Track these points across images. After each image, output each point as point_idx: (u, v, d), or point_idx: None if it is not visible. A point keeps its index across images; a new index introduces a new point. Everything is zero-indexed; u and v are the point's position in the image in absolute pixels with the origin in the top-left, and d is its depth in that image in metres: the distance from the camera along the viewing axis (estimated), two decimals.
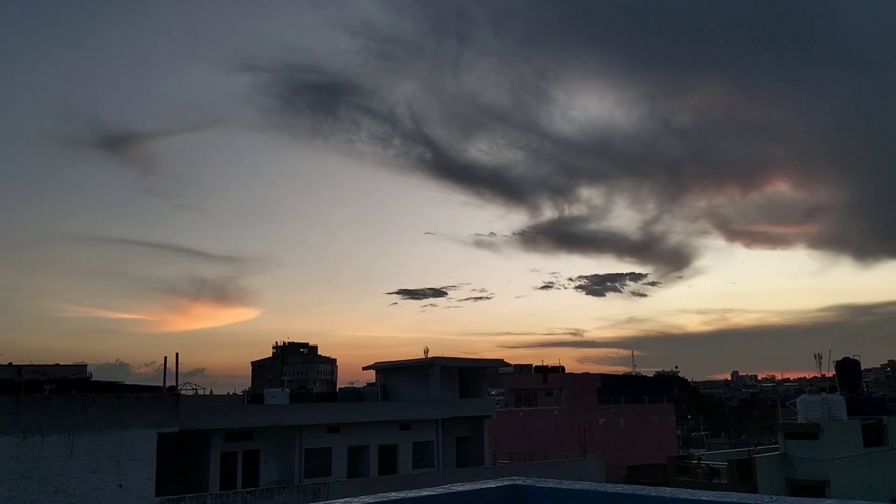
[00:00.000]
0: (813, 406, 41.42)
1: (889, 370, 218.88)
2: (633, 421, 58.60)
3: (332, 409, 34.26)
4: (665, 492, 4.25)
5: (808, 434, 38.76)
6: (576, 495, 4.70)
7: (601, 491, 4.57)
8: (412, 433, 35.39)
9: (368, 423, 33.82)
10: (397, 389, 39.44)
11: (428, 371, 37.57)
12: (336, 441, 32.93)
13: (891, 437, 41.17)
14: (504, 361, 46.54)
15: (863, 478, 37.91)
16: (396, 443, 34.78)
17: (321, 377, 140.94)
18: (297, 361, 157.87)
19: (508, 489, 5.17)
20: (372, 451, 33.85)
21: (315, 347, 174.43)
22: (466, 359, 41.17)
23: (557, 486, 5.03)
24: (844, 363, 52.81)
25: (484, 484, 5.27)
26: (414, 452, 35.31)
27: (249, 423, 31.18)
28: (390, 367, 40.44)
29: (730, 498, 3.92)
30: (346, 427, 33.19)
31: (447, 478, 29.85)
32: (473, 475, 28.73)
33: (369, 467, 33.54)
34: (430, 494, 4.91)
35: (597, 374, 69.48)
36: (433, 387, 37.12)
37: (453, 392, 38.19)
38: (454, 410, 36.90)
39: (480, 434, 38.33)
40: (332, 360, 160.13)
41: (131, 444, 25.36)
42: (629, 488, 4.52)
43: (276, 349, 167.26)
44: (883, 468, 39.38)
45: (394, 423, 34.89)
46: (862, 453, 39.03)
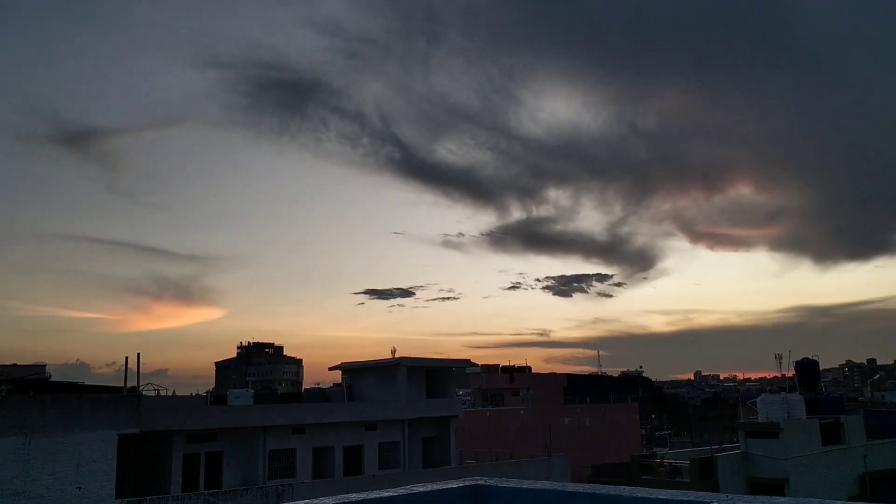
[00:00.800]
0: (773, 405, 42.19)
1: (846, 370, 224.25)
2: (598, 420, 59.09)
3: (297, 410, 33.95)
4: (623, 490, 4.29)
5: (768, 433, 39.46)
6: (536, 494, 4.72)
7: (561, 490, 4.60)
8: (378, 434, 35.25)
9: (334, 424, 33.60)
10: (364, 390, 39.25)
11: (394, 371, 37.45)
12: (301, 442, 32.65)
13: (848, 435, 42.11)
14: (471, 361, 46.61)
15: (821, 476, 38.70)
16: (362, 443, 34.61)
17: (287, 378, 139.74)
18: (262, 362, 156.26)
19: (470, 489, 5.17)
20: (337, 452, 33.64)
21: (280, 348, 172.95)
22: (433, 359, 41.12)
23: (518, 485, 5.04)
24: (803, 363, 53.92)
25: (445, 484, 5.26)
26: (380, 453, 35.17)
27: (212, 424, 30.76)
28: (356, 367, 40.23)
29: (686, 496, 3.97)
30: (312, 428, 32.93)
31: (413, 478, 29.80)
32: (439, 476, 28.72)
33: (335, 468, 33.32)
34: (391, 495, 4.88)
35: (563, 374, 69.94)
36: (400, 387, 37.01)
37: (420, 392, 38.12)
38: (421, 411, 36.84)
39: (447, 434, 38.32)
40: (297, 361, 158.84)
41: (91, 445, 24.84)
42: (588, 487, 4.55)
43: (241, 349, 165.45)
44: (840, 466, 40.25)
45: (359, 423, 34.71)
46: (820, 452, 39.86)
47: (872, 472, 40.66)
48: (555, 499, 4.58)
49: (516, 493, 4.86)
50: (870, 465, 40.84)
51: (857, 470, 40.74)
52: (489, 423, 54.22)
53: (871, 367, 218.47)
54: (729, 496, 3.65)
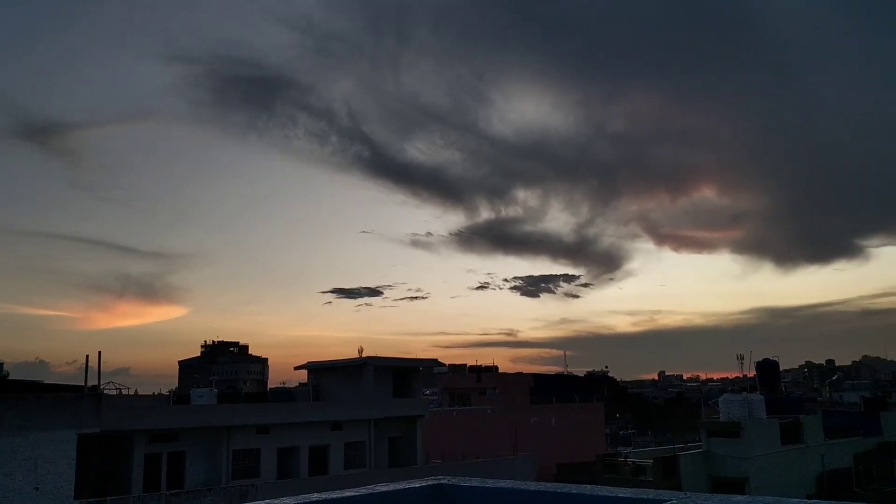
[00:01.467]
0: (734, 405, 42.87)
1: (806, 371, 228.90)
2: (563, 420, 59.46)
3: (262, 410, 33.65)
4: (585, 489, 4.33)
5: (729, 432, 40.09)
6: (498, 493, 4.74)
7: (523, 489, 4.62)
8: (344, 433, 35.10)
9: (299, 424, 33.37)
10: (330, 389, 39.04)
11: (361, 371, 37.32)
12: (265, 442, 32.38)
13: (806, 435, 42.95)
14: (438, 361, 46.78)
15: (780, 474, 39.42)
16: (328, 443, 34.43)
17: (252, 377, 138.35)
18: (227, 361, 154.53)
19: (432, 488, 5.17)
20: (302, 451, 33.43)
21: (246, 347, 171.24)
22: (400, 358, 41.06)
23: (481, 484, 5.06)
24: (764, 364, 54.94)
25: (408, 483, 5.26)
26: (346, 453, 35.02)
27: (175, 424, 30.39)
28: (323, 366, 40.00)
29: (646, 494, 4.02)
30: (276, 428, 32.68)
31: (378, 478, 29.69)
32: (405, 475, 28.65)
33: (300, 468, 33.11)
34: (354, 495, 4.87)
35: (530, 374, 70.33)
36: (366, 387, 36.88)
37: (387, 392, 38.02)
38: (387, 410, 36.75)
39: (413, 434, 38.30)
40: (263, 360, 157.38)
41: (49, 445, 24.32)
42: (550, 486, 4.58)
43: (205, 348, 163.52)
44: (799, 465, 41.05)
45: (325, 423, 34.53)
46: (779, 451, 40.60)
47: (830, 470, 41.56)
48: (516, 497, 4.61)
49: (478, 492, 4.88)
50: (827, 464, 41.73)
51: (815, 469, 41.61)
52: (456, 422, 54.27)
53: (829, 368, 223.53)
54: (687, 494, 3.71)
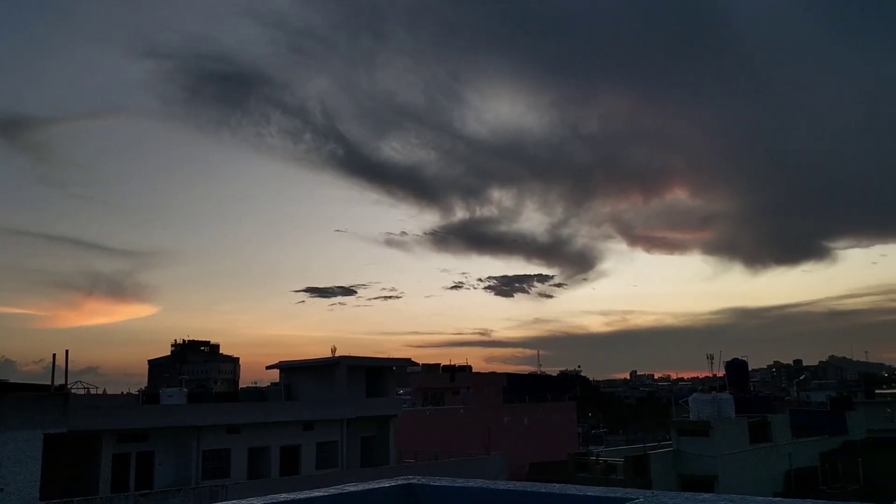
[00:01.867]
0: (704, 404, 43.31)
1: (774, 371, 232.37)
2: (536, 419, 59.70)
3: (232, 410, 33.36)
4: (553, 488, 4.33)
5: (699, 431, 40.48)
6: (468, 493, 4.74)
7: (492, 488, 4.62)
8: (316, 433, 34.91)
9: (270, 424, 33.14)
10: (302, 389, 38.79)
11: (334, 370, 37.14)
12: (236, 442, 32.11)
13: (774, 434, 43.54)
14: (412, 361, 46.76)
15: (748, 472, 39.92)
16: (299, 443, 34.23)
17: (223, 377, 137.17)
18: (198, 360, 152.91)
19: (402, 488, 5.15)
20: (273, 451, 33.20)
21: (217, 346, 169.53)
22: (374, 358, 40.92)
23: (450, 484, 5.05)
24: (734, 363, 55.66)
25: (377, 483, 5.23)
26: (318, 453, 34.84)
27: (144, 424, 30.02)
28: (295, 366, 39.74)
29: (614, 493, 4.03)
30: (247, 427, 32.42)
31: (350, 478, 29.58)
32: (376, 475, 28.58)
33: (271, 468, 32.87)
34: (322, 495, 4.83)
35: (503, 374, 70.51)
36: (339, 386, 36.70)
37: (360, 392, 37.88)
38: (360, 410, 36.62)
39: (386, 434, 38.22)
40: (234, 360, 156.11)
41: (15, 445, 23.91)
42: (519, 485, 4.58)
43: (175, 347, 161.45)
44: (767, 463, 41.60)
45: (297, 423, 34.33)
46: (748, 450, 41.09)
47: (796, 469, 42.16)
48: (485, 497, 4.60)
49: (447, 492, 4.87)
50: (794, 463, 42.34)
51: (783, 467, 42.20)
52: (429, 422, 54.26)
53: (797, 368, 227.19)
54: (654, 493, 3.73)
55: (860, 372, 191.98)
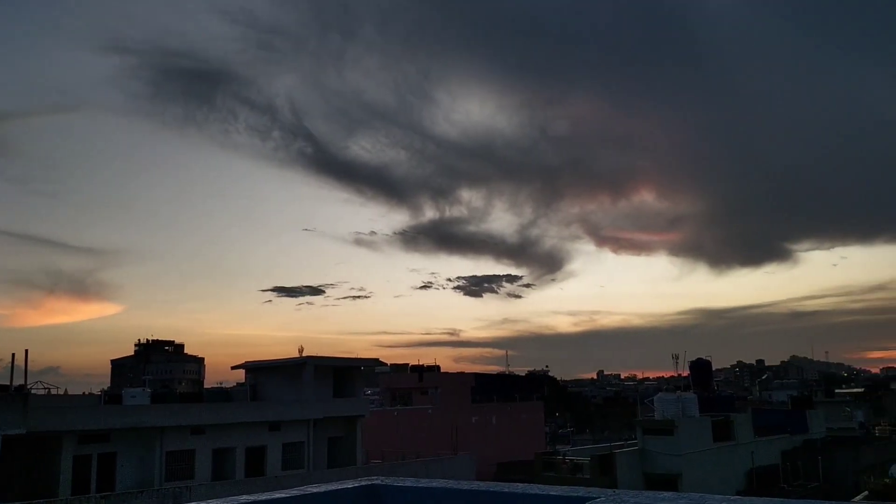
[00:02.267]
0: (669, 404, 43.87)
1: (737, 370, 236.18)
2: (504, 419, 59.89)
3: (197, 410, 32.92)
4: (517, 487, 4.34)
5: (663, 430, 40.98)
6: (431, 493, 4.72)
7: (455, 488, 4.61)
8: (282, 434, 34.62)
9: (236, 425, 32.80)
10: (269, 389, 38.44)
11: (301, 370, 36.85)
12: (200, 443, 31.72)
13: (737, 432, 44.25)
14: (380, 361, 46.50)
15: (712, 471, 40.53)
16: (265, 444, 33.92)
17: (188, 377, 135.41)
18: (162, 360, 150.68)
19: (365, 489, 5.11)
20: (239, 452, 32.87)
21: (181, 346, 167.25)
22: (341, 358, 40.68)
23: (415, 484, 5.03)
24: (698, 363, 56.52)
25: (341, 484, 5.18)
26: (284, 454, 34.55)
27: (106, 425, 29.49)
28: (261, 366, 39.36)
29: (576, 492, 4.05)
30: (212, 428, 32.03)
31: (316, 479, 29.41)
32: (343, 476, 28.45)
33: (236, 469, 32.52)
34: (284, 496, 4.77)
35: (471, 374, 70.49)
36: (306, 386, 36.43)
37: (327, 392, 37.64)
38: (327, 410, 36.40)
39: (353, 434, 38.03)
40: (199, 360, 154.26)
41: None
42: (483, 485, 4.58)
43: (139, 347, 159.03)
44: (730, 462, 42.26)
45: (263, 423, 34.02)
46: (711, 448, 41.71)
47: (758, 467, 42.90)
48: (448, 496, 4.59)
49: (411, 492, 4.85)
50: (756, 461, 43.07)
51: (745, 465, 42.90)
52: (397, 422, 54.14)
53: (759, 368, 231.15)
54: (616, 491, 3.75)
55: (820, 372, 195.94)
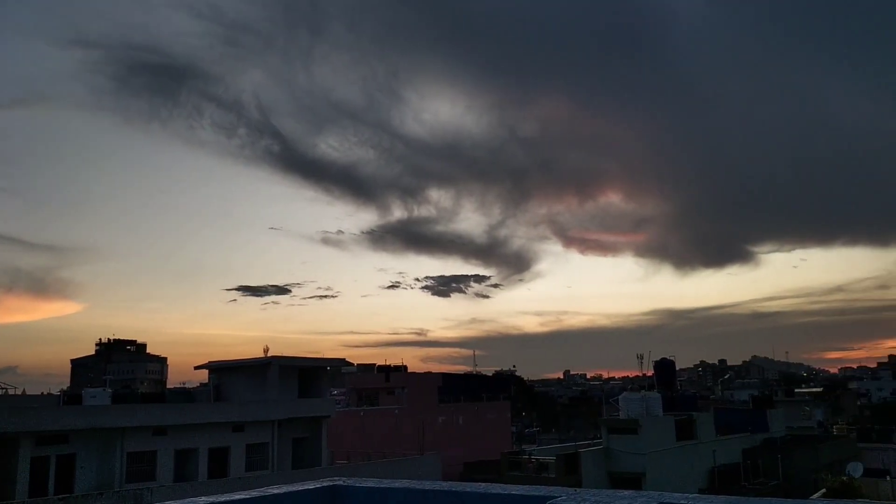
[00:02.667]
0: (633, 403, 44.32)
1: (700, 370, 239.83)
2: (471, 419, 60.04)
3: (158, 411, 32.42)
4: (478, 487, 4.32)
5: (627, 429, 41.40)
6: (392, 493, 4.69)
7: (417, 488, 4.58)
8: (246, 435, 34.26)
9: (198, 425, 32.37)
10: (233, 390, 38.01)
11: (266, 371, 36.50)
12: (162, 444, 31.25)
13: (699, 431, 44.87)
14: (346, 361, 46.36)
15: (675, 469, 41.02)
16: (228, 445, 33.53)
17: (150, 377, 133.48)
18: (123, 360, 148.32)
19: (327, 490, 5.06)
20: (202, 453, 32.44)
21: (144, 345, 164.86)
22: (307, 358, 40.41)
23: (376, 485, 4.99)
24: (662, 363, 57.29)
25: (302, 485, 5.12)
26: (247, 455, 34.20)
27: (65, 426, 28.89)
28: (225, 366, 38.91)
29: (538, 491, 4.05)
30: (174, 429, 31.58)
31: (280, 480, 29.13)
32: (307, 477, 28.24)
33: (198, 471, 32.10)
34: (245, 498, 4.70)
35: (438, 374, 70.58)
36: (271, 387, 36.10)
37: (292, 392, 37.35)
38: (292, 411, 36.10)
39: (319, 435, 37.77)
40: (162, 359, 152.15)
41: None
42: (445, 485, 4.55)
43: (100, 346, 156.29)
44: (692, 460, 42.81)
45: (226, 424, 33.62)
46: (674, 447, 42.24)
47: (720, 465, 43.54)
48: (410, 497, 4.57)
49: (373, 493, 4.82)
50: (718, 460, 43.69)
51: (707, 464, 43.50)
52: (363, 422, 53.93)
53: (721, 368, 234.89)
54: (577, 490, 3.76)
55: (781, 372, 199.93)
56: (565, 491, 3.77)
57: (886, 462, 46.95)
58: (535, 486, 4.17)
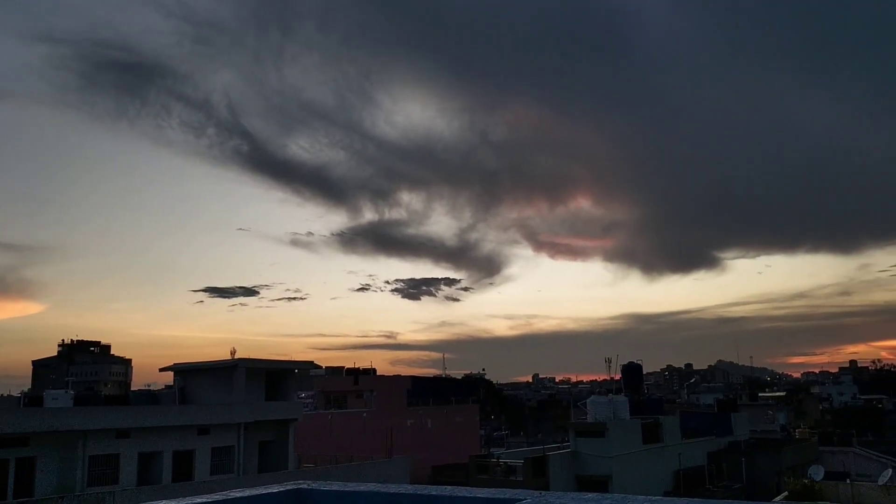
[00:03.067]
0: (601, 406, 44.66)
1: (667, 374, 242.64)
2: (440, 422, 59.98)
3: (122, 413, 31.86)
4: (444, 490, 4.30)
5: (595, 432, 41.69)
6: (357, 497, 4.64)
7: (383, 492, 4.54)
8: (211, 438, 33.82)
9: (162, 428, 31.89)
10: (199, 392, 37.50)
11: (232, 373, 36.07)
12: (125, 447, 30.72)
13: (665, 435, 45.36)
14: (314, 363, 45.96)
15: (641, 472, 41.42)
16: (194, 448, 33.08)
17: (114, 379, 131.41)
18: (87, 361, 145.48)
19: (291, 493, 4.99)
20: (166, 456, 31.96)
21: (108, 346, 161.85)
22: (274, 360, 40.04)
23: (342, 488, 4.94)
24: (629, 367, 57.76)
25: (266, 489, 5.05)
26: (213, 458, 33.76)
27: (25, 428, 28.29)
28: (190, 368, 38.39)
29: (503, 494, 4.04)
30: (138, 432, 31.06)
31: (246, 484, 28.80)
32: (273, 480, 27.96)
33: (162, 474, 31.62)
34: (206, 501, 4.61)
35: (407, 377, 70.39)
36: (237, 389, 35.69)
37: (259, 395, 36.96)
38: (258, 414, 35.72)
39: (286, 438, 37.43)
40: (126, 361, 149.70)
41: None
42: (410, 488, 4.52)
43: (63, 347, 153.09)
44: (658, 463, 43.26)
45: (191, 427, 33.15)
46: (641, 450, 42.63)
47: (685, 468, 44.06)
48: (375, 500, 4.52)
49: (338, 496, 4.76)
50: (684, 463, 44.21)
51: (673, 466, 43.99)
52: (331, 425, 53.58)
53: (688, 372, 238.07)
54: (542, 493, 3.76)
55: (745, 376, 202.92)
56: (531, 494, 3.76)
57: (847, 465, 47.92)
58: (502, 489, 4.18)
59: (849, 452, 53.27)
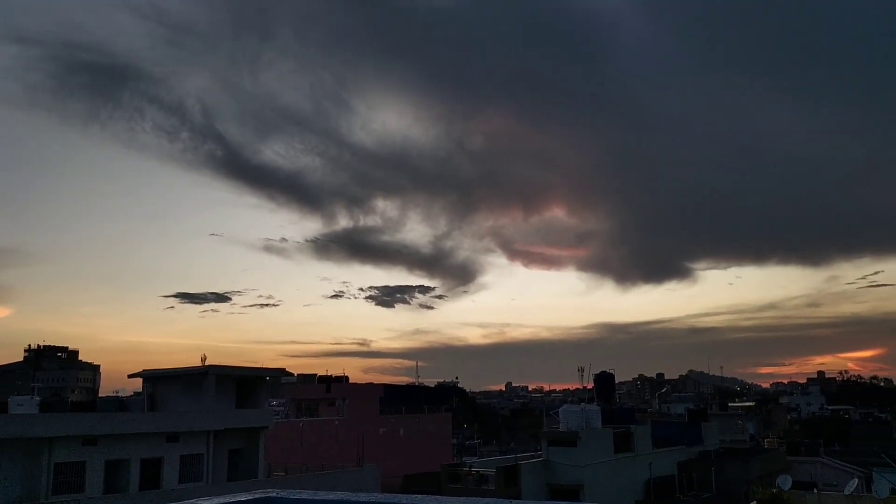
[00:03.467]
0: (573, 415, 44.79)
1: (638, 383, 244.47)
2: (412, 430, 59.74)
3: (88, 420, 31.32)
4: (416, 499, 4.26)
5: (567, 441, 41.79)
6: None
7: (353, 500, 4.48)
8: (180, 445, 33.36)
9: (130, 435, 31.40)
10: (167, 399, 37.01)
11: (202, 380, 35.67)
12: (92, 454, 30.18)
13: (637, 444, 45.61)
14: (286, 371, 45.50)
15: (612, 481, 41.58)
16: (162, 456, 32.60)
17: (81, 385, 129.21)
18: (54, 367, 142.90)
19: (260, 502, 4.91)
20: (133, 464, 31.46)
21: (76, 352, 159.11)
22: (245, 367, 39.65)
23: (311, 496, 4.87)
24: (601, 376, 58.06)
25: (234, 497, 4.96)
26: (181, 466, 33.29)
27: None
28: (160, 374, 37.89)
29: (475, 503, 4.02)
30: (105, 439, 30.55)
31: (215, 492, 28.44)
32: (243, 489, 27.62)
33: (130, 482, 31.09)
34: None
35: (380, 385, 70.00)
36: (207, 396, 35.29)
37: (229, 402, 36.57)
38: (228, 421, 35.34)
39: (256, 446, 37.04)
40: (94, 367, 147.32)
41: None
42: (382, 497, 4.47)
43: (29, 352, 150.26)
44: (630, 472, 43.47)
45: (159, 434, 32.68)
46: (612, 459, 42.81)
47: (656, 478, 44.32)
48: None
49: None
50: (654, 472, 44.48)
51: (644, 476, 44.23)
52: (303, 434, 53.12)
53: (659, 381, 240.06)
54: (513, 502, 3.75)
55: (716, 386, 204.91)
56: (502, 503, 3.75)
57: (814, 475, 48.51)
58: (474, 497, 4.16)
59: (816, 462, 53.96)
